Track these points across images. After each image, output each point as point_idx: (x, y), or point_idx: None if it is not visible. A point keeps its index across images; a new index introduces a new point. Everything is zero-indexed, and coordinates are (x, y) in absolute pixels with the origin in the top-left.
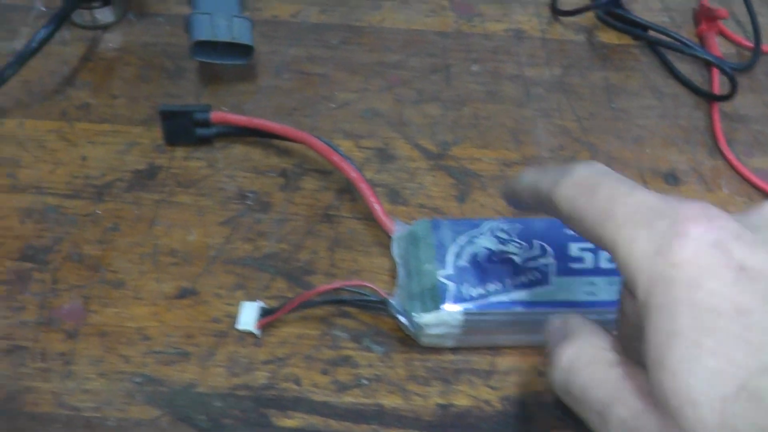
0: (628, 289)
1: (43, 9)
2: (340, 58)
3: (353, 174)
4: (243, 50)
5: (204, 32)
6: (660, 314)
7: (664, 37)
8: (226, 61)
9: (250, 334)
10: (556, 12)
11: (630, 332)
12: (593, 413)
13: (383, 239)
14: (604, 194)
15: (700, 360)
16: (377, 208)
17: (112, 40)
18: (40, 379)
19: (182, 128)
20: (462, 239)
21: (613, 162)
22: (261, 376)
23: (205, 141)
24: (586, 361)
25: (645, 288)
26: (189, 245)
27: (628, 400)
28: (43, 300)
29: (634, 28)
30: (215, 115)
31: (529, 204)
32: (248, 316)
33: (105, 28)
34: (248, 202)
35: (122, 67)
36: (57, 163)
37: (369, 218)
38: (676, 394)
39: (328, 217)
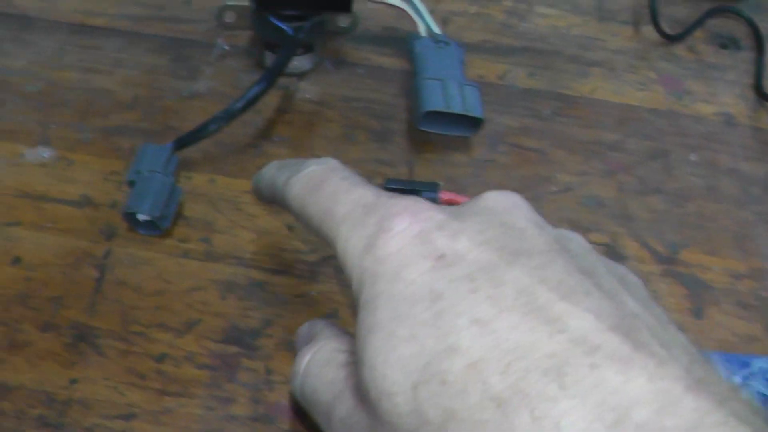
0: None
1: (227, 48)
2: (554, 133)
3: None
4: (471, 122)
5: (436, 101)
6: (364, 310)
7: None
8: (451, 133)
9: None
10: (762, 96)
11: None
12: (321, 415)
13: None
14: (327, 192)
15: (395, 350)
16: None
17: (309, 91)
18: None
19: None
20: (735, 381)
21: None
22: None
23: None
24: (320, 364)
25: (356, 285)
26: None
27: (345, 399)
28: (255, 393)
29: None
30: (444, 195)
31: (271, 201)
32: None
33: (300, 75)
34: None
35: (323, 124)
36: (258, 232)
37: None
38: (374, 386)
39: None
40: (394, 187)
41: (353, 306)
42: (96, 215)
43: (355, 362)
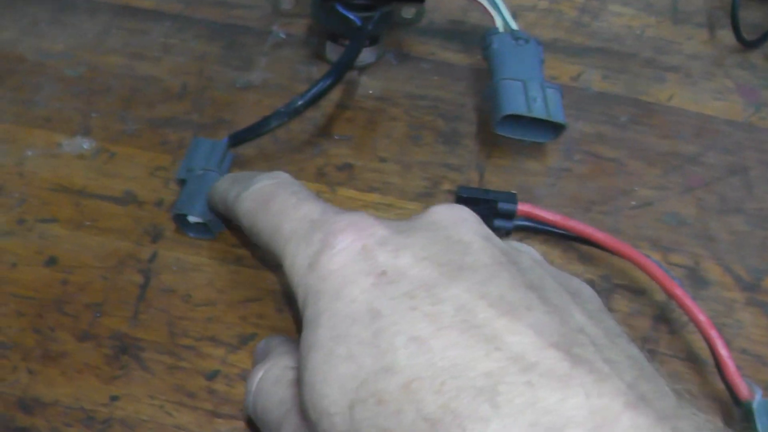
0: None
1: (283, 36)
2: (631, 142)
3: (701, 317)
4: (551, 128)
5: (517, 104)
6: (306, 328)
7: None
8: (528, 139)
9: None
10: None
11: None
12: None
13: (723, 399)
14: (275, 208)
15: (333, 369)
16: (730, 365)
17: (371, 86)
18: None
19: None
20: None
21: None
22: None
23: (500, 235)
24: (270, 382)
25: (301, 302)
26: None
27: (292, 418)
28: None
29: None
30: (522, 208)
31: (225, 215)
32: None
33: (361, 69)
34: None
35: (387, 123)
36: None
37: (695, 361)
38: (312, 405)
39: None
40: (466, 195)
41: (297, 317)
42: (140, 214)
43: (298, 378)
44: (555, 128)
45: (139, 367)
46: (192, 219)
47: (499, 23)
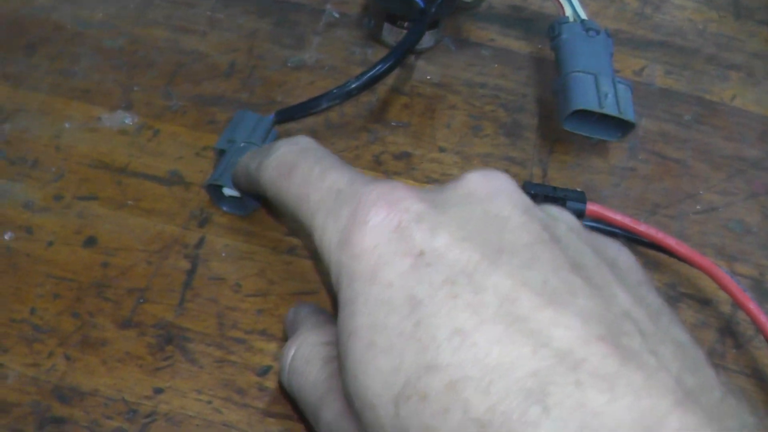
0: None
1: (336, 15)
2: (696, 143)
3: None
4: (620, 126)
5: (588, 99)
6: (343, 311)
7: None
8: (595, 136)
9: None
10: None
11: None
12: (309, 414)
13: None
14: (299, 177)
15: (374, 360)
16: None
17: (429, 71)
18: None
19: None
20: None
21: None
22: None
23: None
24: (303, 362)
25: (334, 279)
26: None
27: (331, 403)
28: None
29: None
30: (591, 208)
31: (250, 189)
32: None
33: (419, 53)
34: None
35: (446, 111)
36: None
37: (762, 378)
38: (356, 396)
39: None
40: (533, 192)
41: (331, 292)
42: (187, 196)
43: (339, 364)
44: (623, 127)
45: (185, 359)
46: (227, 192)
47: (568, 12)
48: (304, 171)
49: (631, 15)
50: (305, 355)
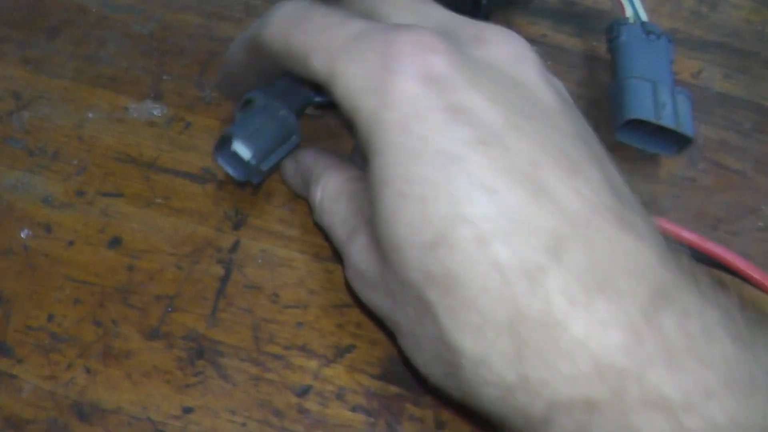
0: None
1: None
2: (757, 154)
3: None
4: (677, 139)
5: (644, 108)
6: (375, 159)
7: None
8: (649, 149)
9: None
10: None
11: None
12: (339, 249)
13: None
14: (315, 24)
15: (406, 209)
16: None
17: None
18: None
19: None
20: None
21: None
22: None
23: None
24: (331, 200)
25: (364, 129)
26: None
27: (359, 237)
28: None
29: None
30: (659, 224)
31: (243, 67)
32: None
33: None
34: None
35: None
36: None
37: None
38: (386, 239)
39: None
40: None
41: (355, 136)
42: (221, 195)
43: (370, 208)
44: (680, 141)
45: (217, 375)
46: (238, 148)
47: (629, 12)
48: (318, 19)
49: (687, 13)
50: (332, 195)
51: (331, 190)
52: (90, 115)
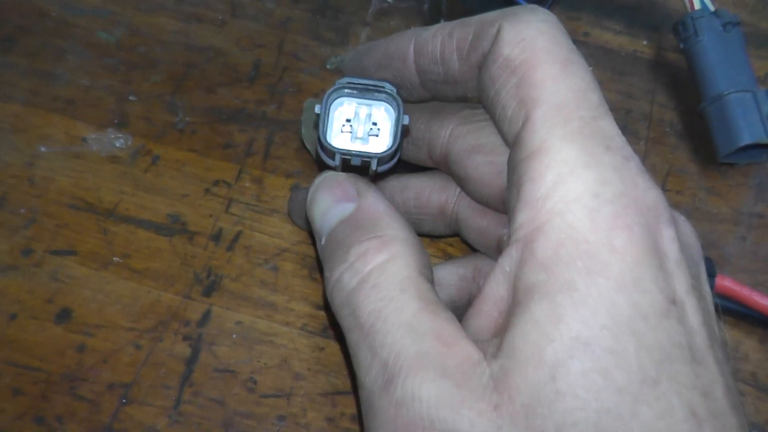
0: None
1: (389, 1)
2: None
3: None
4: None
5: (754, 130)
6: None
7: None
8: (743, 161)
9: None
10: None
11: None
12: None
13: None
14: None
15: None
16: None
17: None
18: None
19: None
20: None
21: None
22: None
23: None
24: (389, 284)
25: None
26: None
27: (431, 369)
28: None
29: None
30: (721, 282)
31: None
32: None
33: None
34: None
35: None
36: None
37: None
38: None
39: None
40: None
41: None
42: (190, 251)
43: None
44: None
45: None
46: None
47: (697, 3)
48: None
49: (753, 2)
50: (395, 278)
51: (396, 273)
52: (42, 149)
